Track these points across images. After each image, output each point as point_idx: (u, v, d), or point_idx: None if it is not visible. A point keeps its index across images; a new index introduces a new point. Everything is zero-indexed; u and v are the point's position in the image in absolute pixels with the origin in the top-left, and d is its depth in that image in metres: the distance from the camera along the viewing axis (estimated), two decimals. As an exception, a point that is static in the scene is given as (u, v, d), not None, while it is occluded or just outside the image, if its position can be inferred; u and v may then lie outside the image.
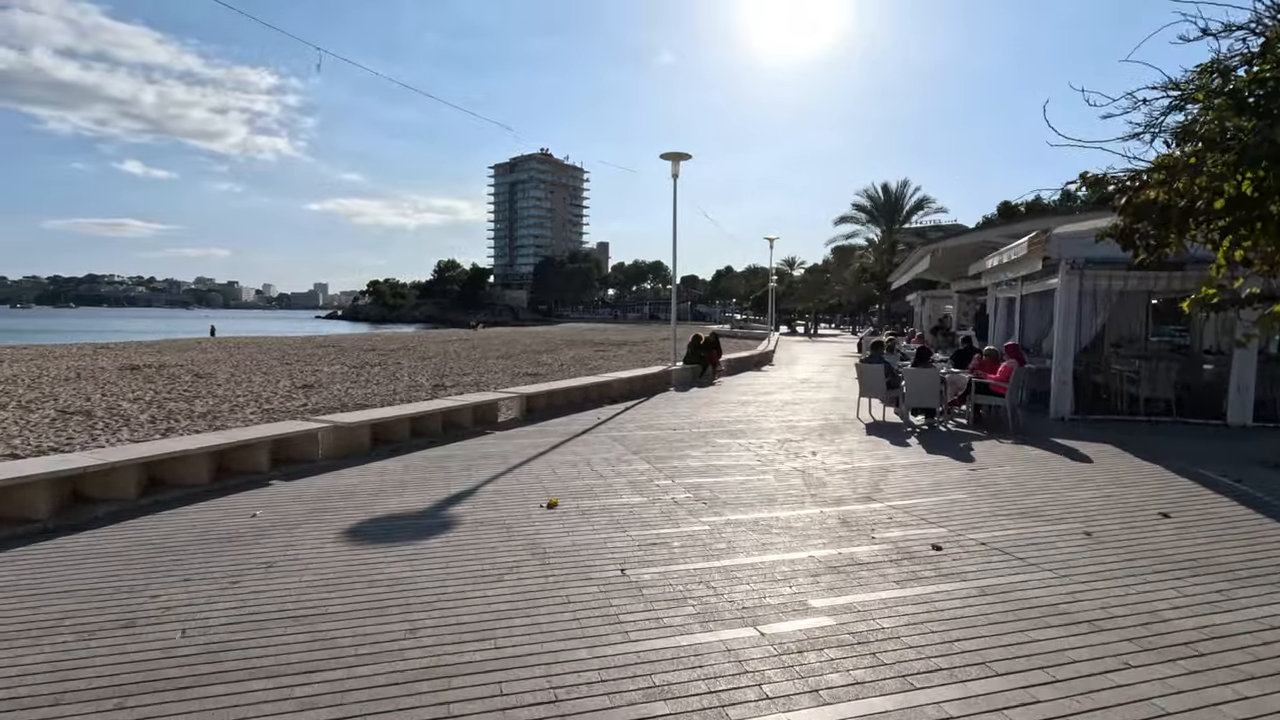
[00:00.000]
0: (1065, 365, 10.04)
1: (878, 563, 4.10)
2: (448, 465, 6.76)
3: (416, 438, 7.95)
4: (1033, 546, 4.40)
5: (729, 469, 6.65)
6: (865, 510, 5.23)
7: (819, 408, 11.40)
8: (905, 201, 41.92)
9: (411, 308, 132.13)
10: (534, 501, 5.42)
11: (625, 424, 9.48)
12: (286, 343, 32.66)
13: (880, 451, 7.65)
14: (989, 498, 5.61)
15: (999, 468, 6.74)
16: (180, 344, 31.62)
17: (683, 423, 9.62)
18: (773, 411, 10.91)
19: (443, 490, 5.77)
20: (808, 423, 9.73)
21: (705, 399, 12.55)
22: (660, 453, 7.42)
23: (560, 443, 7.99)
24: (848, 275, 57.49)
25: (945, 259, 15.37)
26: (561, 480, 6.14)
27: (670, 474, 6.40)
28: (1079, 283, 9.88)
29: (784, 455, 7.39)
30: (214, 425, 9.98)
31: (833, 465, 6.88)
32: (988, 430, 9.10)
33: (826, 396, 13.16)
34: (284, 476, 6.21)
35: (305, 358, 23.83)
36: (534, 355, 27.34)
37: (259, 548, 4.34)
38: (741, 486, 5.95)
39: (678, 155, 14.27)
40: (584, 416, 10.07)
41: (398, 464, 6.82)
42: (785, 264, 76.46)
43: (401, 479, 6.18)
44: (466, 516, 5.02)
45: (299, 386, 15.28)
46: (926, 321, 28.70)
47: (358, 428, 7.14)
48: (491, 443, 8.02)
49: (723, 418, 10.13)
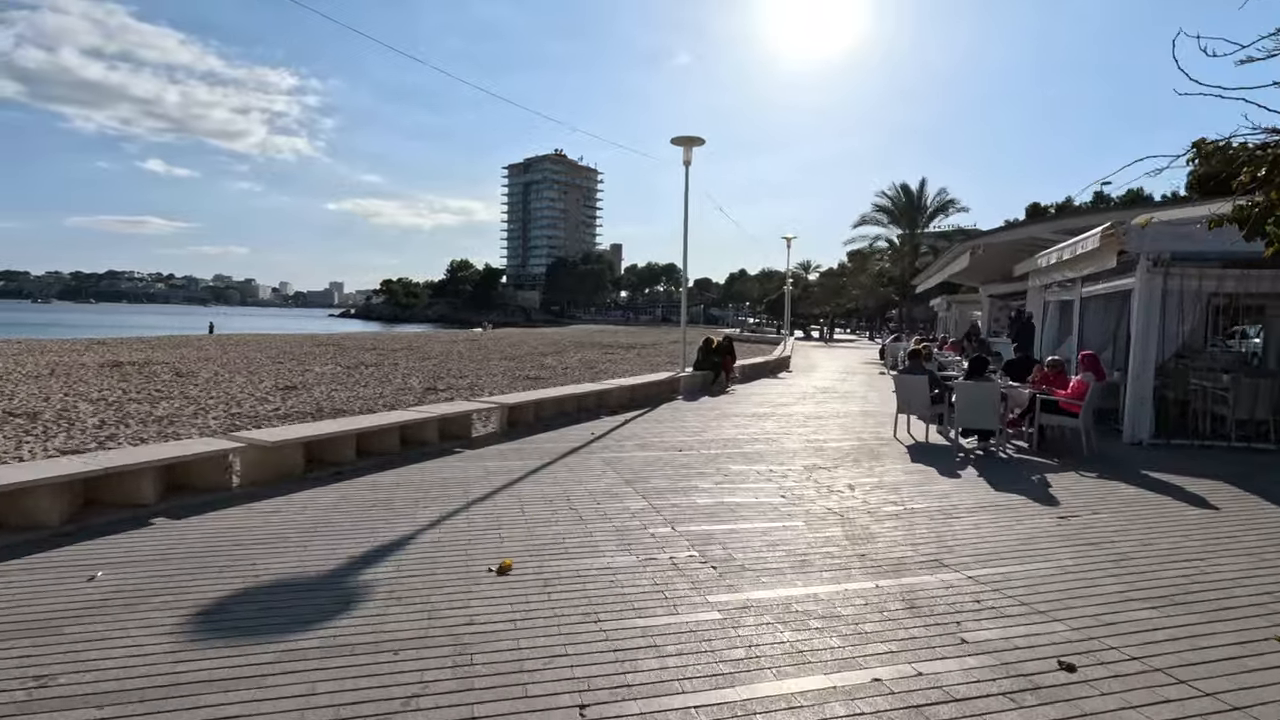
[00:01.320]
0: (1144, 380, 8.48)
1: (982, 697, 2.64)
2: (392, 497, 5.36)
3: (367, 457, 6.58)
4: (1210, 666, 2.91)
5: (746, 510, 5.19)
6: (937, 585, 3.75)
7: (848, 423, 9.90)
8: (927, 202, 40.02)
9: (424, 307, 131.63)
10: (482, 560, 4.00)
11: (623, 442, 8.04)
12: (287, 341, 31.59)
13: (934, 486, 6.15)
14: (1106, 566, 4.11)
15: (1094, 514, 5.22)
16: (177, 340, 30.62)
17: (690, 441, 8.16)
18: (795, 428, 9.42)
19: (367, 538, 4.36)
20: (838, 443, 8.24)
21: (717, 411, 11.09)
22: (660, 483, 5.98)
23: (539, 467, 6.57)
24: (865, 279, 55.74)
25: (987, 257, 13.80)
26: (528, 524, 4.72)
27: (671, 517, 4.96)
28: (1163, 282, 8.33)
29: (814, 489, 5.92)
30: (165, 433, 8.76)
31: (877, 505, 5.40)
32: (1056, 457, 7.57)
33: (854, 409, 11.65)
34: (175, 512, 4.84)
35: (301, 357, 22.70)
36: (539, 358, 26.03)
37: (53, 643, 2.95)
38: (763, 540, 4.49)
39: (690, 140, 12.86)
40: (575, 431, 8.64)
41: (331, 494, 5.43)
42: (800, 267, 74.83)
43: (324, 518, 4.79)
44: (380, 587, 3.61)
45: (280, 388, 14.07)
46: (953, 328, 26.95)
47: (285, 448, 5.76)
48: (457, 465, 6.62)
49: (737, 435, 8.66)
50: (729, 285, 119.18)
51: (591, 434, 8.47)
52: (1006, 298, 21.52)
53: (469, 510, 5.04)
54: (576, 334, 52.63)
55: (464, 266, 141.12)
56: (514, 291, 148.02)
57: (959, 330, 25.26)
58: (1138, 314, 8.46)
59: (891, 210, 40.11)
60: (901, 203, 39.72)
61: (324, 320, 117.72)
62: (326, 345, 29.61)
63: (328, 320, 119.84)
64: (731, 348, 14.93)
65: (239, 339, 32.16)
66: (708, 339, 14.17)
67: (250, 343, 29.64)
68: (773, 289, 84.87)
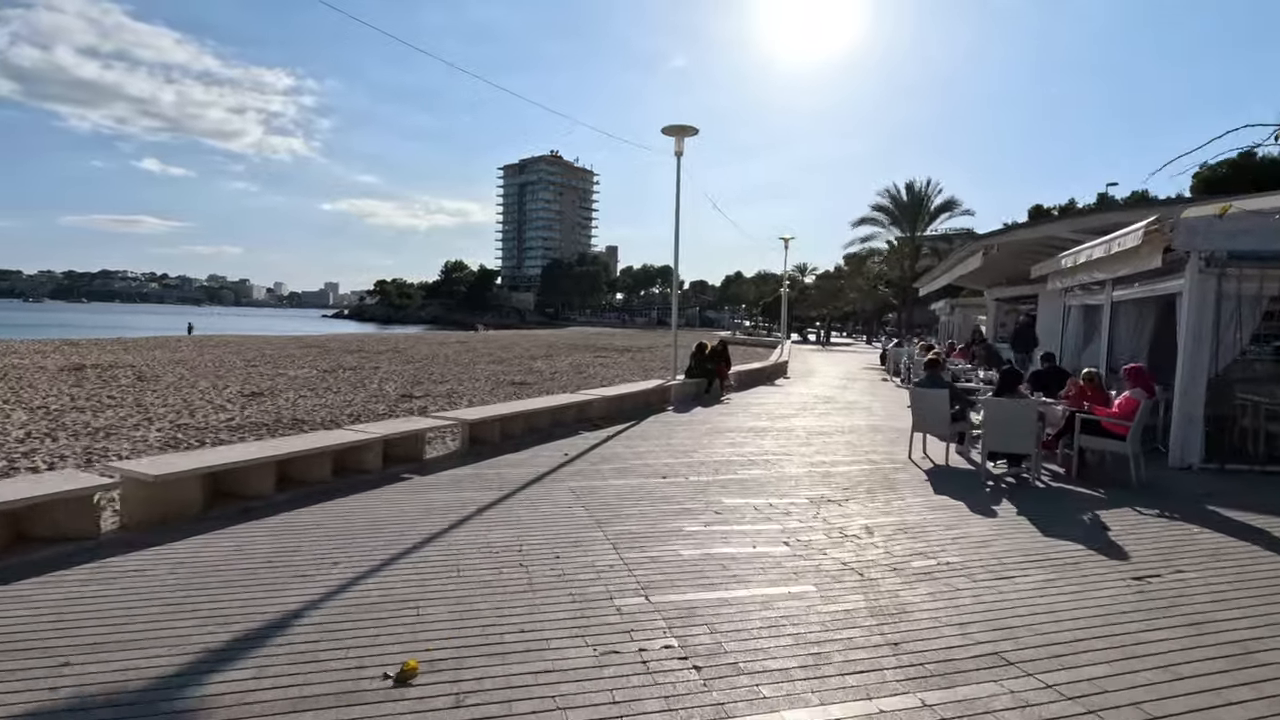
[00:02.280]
0: (1194, 397, 7.45)
1: None
2: (301, 546, 4.29)
3: (292, 488, 5.50)
4: None
5: (742, 566, 4.13)
6: (1008, 702, 2.69)
7: (856, 441, 8.85)
8: (929, 203, 38.87)
9: (417, 308, 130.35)
10: (379, 660, 2.93)
11: (600, 466, 6.97)
12: (269, 343, 30.50)
13: (967, 528, 5.09)
14: (1226, 665, 3.06)
15: (1179, 575, 4.17)
16: (155, 342, 29.49)
17: (677, 465, 7.10)
18: (797, 446, 8.37)
19: (239, 618, 3.28)
20: (847, 467, 7.19)
21: (710, 424, 10.03)
22: (636, 526, 4.92)
23: (495, 501, 5.50)
24: (863, 282, 54.81)
25: (1000, 258, 12.80)
26: (459, 594, 3.65)
27: (645, 578, 3.89)
28: (1217, 284, 7.31)
29: (823, 532, 4.86)
30: (91, 450, 7.81)
31: (903, 558, 4.35)
32: (1100, 487, 6.54)
33: (860, 423, 10.61)
34: (14, 570, 3.76)
35: (278, 360, 21.64)
36: (528, 361, 25.00)
37: None
38: (763, 616, 3.43)
39: (681, 130, 11.83)
40: (547, 452, 7.57)
41: (226, 543, 4.36)
42: (797, 270, 73.95)
43: (198, 582, 3.71)
44: (220, 711, 2.54)
45: (245, 395, 13.02)
46: (956, 332, 25.93)
47: (175, 482, 4.68)
48: (397, 498, 5.55)
49: (731, 456, 7.61)
50: (725, 287, 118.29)
51: (565, 455, 7.41)
52: (1014, 301, 20.51)
53: (391, 568, 3.97)
54: (571, 336, 51.57)
55: (458, 268, 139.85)
56: (509, 293, 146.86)
57: (962, 335, 24.28)
58: (1187, 321, 7.44)
59: (892, 210, 38.95)
60: (903, 203, 38.54)
61: (316, 321, 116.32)
62: (309, 347, 28.54)
63: (320, 321, 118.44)
64: (726, 353, 13.89)
65: (219, 341, 31.02)
66: (700, 344, 13.12)
67: (229, 345, 28.54)
68: (769, 291, 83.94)
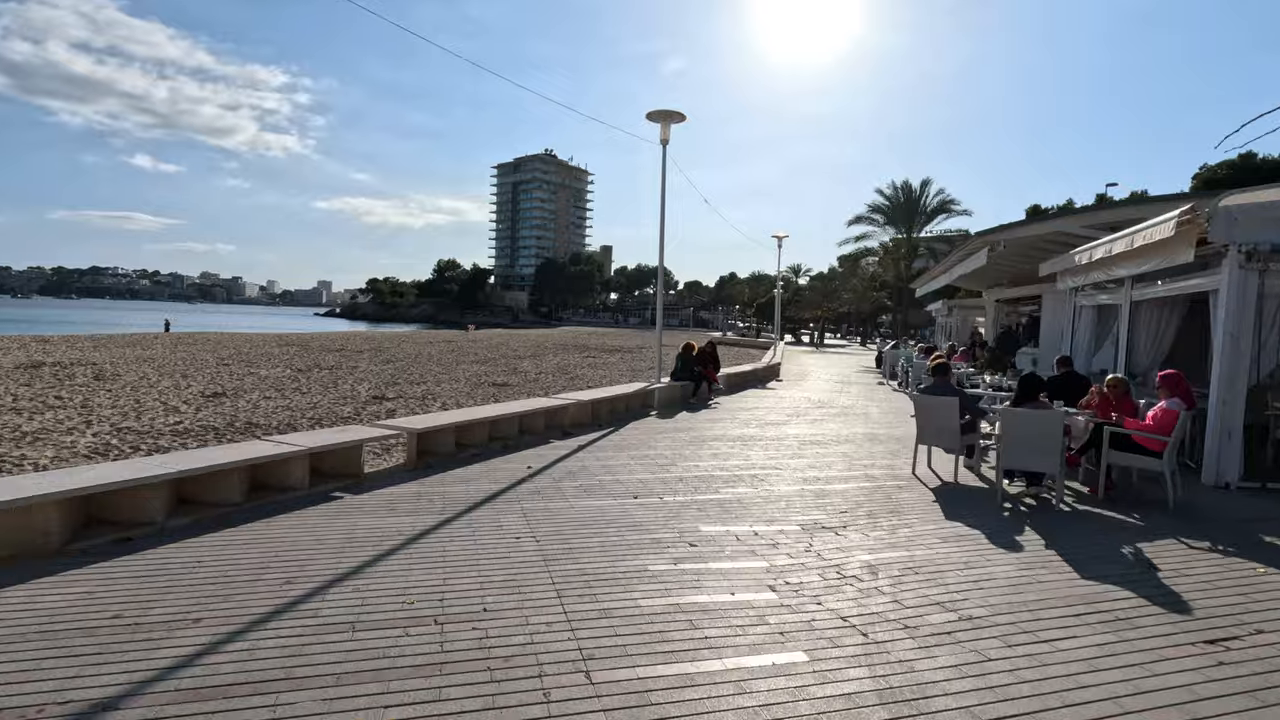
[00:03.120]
0: (1233, 407, 6.65)
1: None
2: (166, 594, 3.43)
3: (194, 510, 4.64)
4: None
5: (715, 623, 3.29)
6: None
7: (853, 452, 8.02)
8: (927, 202, 38.08)
9: (409, 307, 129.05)
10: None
11: (563, 482, 6.11)
12: (248, 340, 29.53)
13: (991, 568, 4.26)
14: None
15: (1258, 634, 3.35)
16: (127, 339, 28.48)
17: (652, 481, 6.25)
18: (788, 459, 7.53)
19: (37, 707, 2.43)
20: (843, 484, 6.36)
21: (694, 432, 9.19)
22: (592, 563, 4.07)
23: (429, 528, 4.64)
24: (858, 283, 54.13)
25: (1008, 255, 12.01)
26: (349, 657, 2.79)
27: (591, 644, 3.05)
28: (1260, 281, 6.52)
29: (818, 573, 4.03)
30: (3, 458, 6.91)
31: (916, 611, 3.51)
32: (1133, 510, 5.73)
33: (857, 430, 9.79)
34: None
35: (252, 359, 20.75)
36: (514, 361, 24.16)
37: None
38: (737, 710, 2.59)
39: (668, 115, 11.00)
40: (507, 465, 6.71)
41: (77, 588, 3.49)
42: (791, 271, 73.28)
43: (4, 654, 2.85)
44: None
45: (206, 395, 12.15)
46: (953, 334, 25.15)
47: (32, 509, 3.80)
48: (315, 523, 4.68)
49: (714, 470, 6.77)
50: (719, 288, 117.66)
51: (528, 469, 6.56)
52: (1014, 302, 19.73)
53: (266, 629, 3.10)
54: (562, 336, 50.68)
55: (451, 266, 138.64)
56: (502, 292, 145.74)
57: (960, 336, 23.51)
58: (1225, 322, 6.64)
59: (888, 210, 38.14)
60: (899, 202, 37.74)
61: (307, 319, 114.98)
62: (290, 346, 27.61)
63: (311, 319, 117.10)
64: (715, 355, 13.05)
65: (196, 338, 30.02)
66: (687, 345, 12.28)
67: (206, 342, 27.57)
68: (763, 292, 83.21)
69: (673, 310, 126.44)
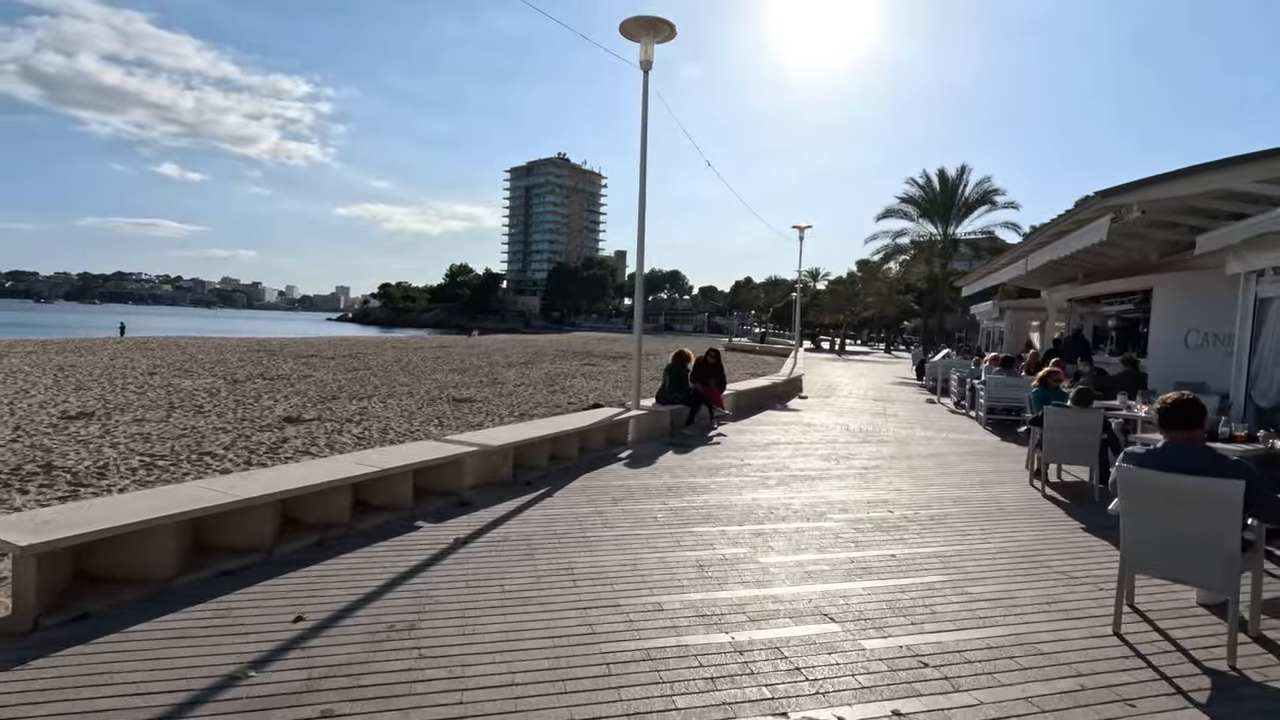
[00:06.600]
0: None
1: None
2: None
3: None
4: None
5: None
6: None
7: (953, 550, 4.86)
8: (965, 193, 33.94)
9: (421, 311, 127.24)
10: None
11: (361, 678, 3.04)
12: (208, 346, 27.04)
13: None
14: None
15: None
16: (78, 344, 26.06)
17: (568, 655, 3.15)
18: (840, 576, 4.32)
19: None
20: (989, 663, 3.21)
21: (676, 499, 5.92)
22: None
23: None
24: (882, 286, 50.51)
25: (1154, 213, 8.42)
26: None
27: None
28: None
29: None
30: None
31: None
32: None
33: (941, 492, 6.60)
34: None
35: (189, 368, 18.05)
36: (500, 369, 21.32)
37: None
38: None
39: (650, 25, 7.92)
40: (265, 599, 3.64)
41: None
42: (809, 275, 69.78)
43: None
44: None
45: (67, 417, 9.40)
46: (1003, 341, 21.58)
47: None
48: None
49: (695, 618, 3.61)
50: (735, 293, 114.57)
51: (298, 619, 3.31)
52: (1096, 300, 15.89)
53: None
54: (570, 341, 47.87)
55: (463, 271, 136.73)
56: (514, 297, 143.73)
57: (1010, 345, 19.98)
58: None
59: (922, 201, 34.24)
60: (934, 194, 33.86)
61: (318, 324, 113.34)
62: (258, 352, 25.07)
63: (322, 324, 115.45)
64: (719, 367, 9.91)
65: (150, 343, 27.55)
66: (680, 353, 9.01)
67: (155, 348, 25.07)
68: (779, 298, 79.77)
69: (686, 315, 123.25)
